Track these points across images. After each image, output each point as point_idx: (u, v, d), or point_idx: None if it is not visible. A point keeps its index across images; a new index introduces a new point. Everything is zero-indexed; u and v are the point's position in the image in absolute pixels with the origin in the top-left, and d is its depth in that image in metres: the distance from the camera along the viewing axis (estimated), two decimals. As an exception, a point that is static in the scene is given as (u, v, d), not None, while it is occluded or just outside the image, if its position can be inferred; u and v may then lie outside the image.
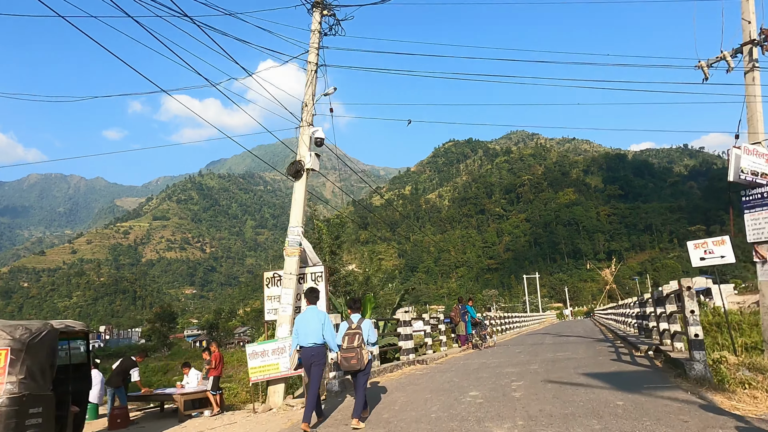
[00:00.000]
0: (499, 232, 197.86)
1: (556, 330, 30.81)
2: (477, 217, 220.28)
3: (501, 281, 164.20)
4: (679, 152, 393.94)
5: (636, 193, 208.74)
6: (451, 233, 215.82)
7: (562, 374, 8.55)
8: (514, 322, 30.45)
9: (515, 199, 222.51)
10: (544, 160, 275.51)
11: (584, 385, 7.23)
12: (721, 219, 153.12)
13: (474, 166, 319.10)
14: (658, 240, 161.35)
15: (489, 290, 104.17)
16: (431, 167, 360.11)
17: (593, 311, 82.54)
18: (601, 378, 7.74)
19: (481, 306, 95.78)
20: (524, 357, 12.82)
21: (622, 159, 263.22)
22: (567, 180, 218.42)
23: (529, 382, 7.89)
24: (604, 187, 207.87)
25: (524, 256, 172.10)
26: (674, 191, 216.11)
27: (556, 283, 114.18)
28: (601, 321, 41.25)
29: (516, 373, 9.26)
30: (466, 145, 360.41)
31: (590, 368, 8.99)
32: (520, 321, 32.12)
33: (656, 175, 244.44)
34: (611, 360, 10.58)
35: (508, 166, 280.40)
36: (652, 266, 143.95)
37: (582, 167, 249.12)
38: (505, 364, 11.17)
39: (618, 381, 7.32)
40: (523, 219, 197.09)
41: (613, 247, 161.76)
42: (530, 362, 11.18)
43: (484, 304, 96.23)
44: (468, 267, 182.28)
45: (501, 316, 26.38)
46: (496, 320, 24.69)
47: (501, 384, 7.96)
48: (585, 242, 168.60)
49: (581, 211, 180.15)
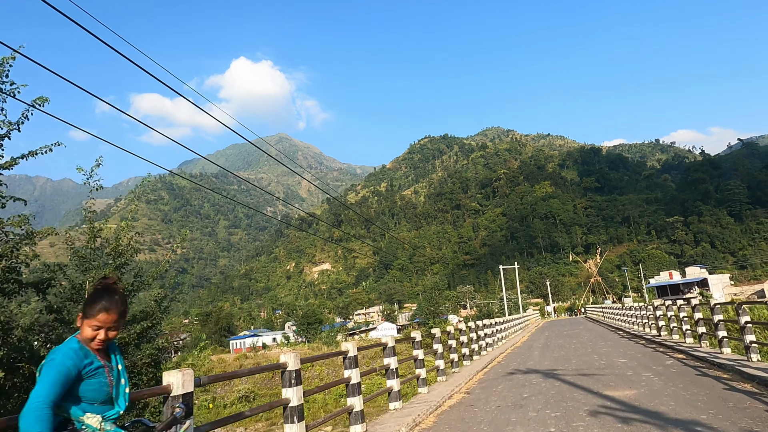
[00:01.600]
0: (475, 227, 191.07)
1: (563, 340, 22.63)
2: (453, 212, 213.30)
3: (477, 277, 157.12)
4: (651, 147, 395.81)
5: (612, 186, 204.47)
6: (427, 229, 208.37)
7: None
8: (494, 333, 21.95)
9: (491, 194, 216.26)
10: (520, 154, 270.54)
11: None
12: (698, 210, 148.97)
13: (450, 162, 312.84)
14: (636, 232, 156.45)
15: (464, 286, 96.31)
16: (407, 164, 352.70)
17: (580, 308, 75.71)
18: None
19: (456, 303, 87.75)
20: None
21: (596, 153, 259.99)
22: (543, 174, 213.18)
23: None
24: (580, 180, 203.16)
25: (501, 251, 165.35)
26: (649, 184, 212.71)
27: (535, 277, 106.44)
28: (606, 321, 33.75)
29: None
30: (442, 141, 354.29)
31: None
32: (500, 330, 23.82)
33: (631, 168, 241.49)
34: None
35: (484, 161, 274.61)
36: (631, 259, 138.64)
37: (557, 161, 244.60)
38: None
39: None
40: (499, 213, 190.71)
41: (591, 240, 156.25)
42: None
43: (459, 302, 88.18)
44: (443, 263, 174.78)
45: (474, 328, 17.56)
46: (469, 336, 15.88)
47: None
48: (562, 235, 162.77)
49: (558, 204, 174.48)
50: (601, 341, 19.94)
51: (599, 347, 17.20)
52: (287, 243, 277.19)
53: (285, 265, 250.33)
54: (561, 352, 16.86)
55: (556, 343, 21.30)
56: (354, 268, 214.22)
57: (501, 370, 13.51)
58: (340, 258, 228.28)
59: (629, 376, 9.79)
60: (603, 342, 19.49)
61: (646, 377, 9.51)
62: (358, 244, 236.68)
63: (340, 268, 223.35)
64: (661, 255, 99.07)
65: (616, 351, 15.41)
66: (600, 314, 37.52)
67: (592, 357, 14.14)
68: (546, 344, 21.21)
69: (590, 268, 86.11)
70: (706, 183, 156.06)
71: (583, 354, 15.22)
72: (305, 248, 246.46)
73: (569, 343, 20.03)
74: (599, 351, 15.84)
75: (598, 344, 18.55)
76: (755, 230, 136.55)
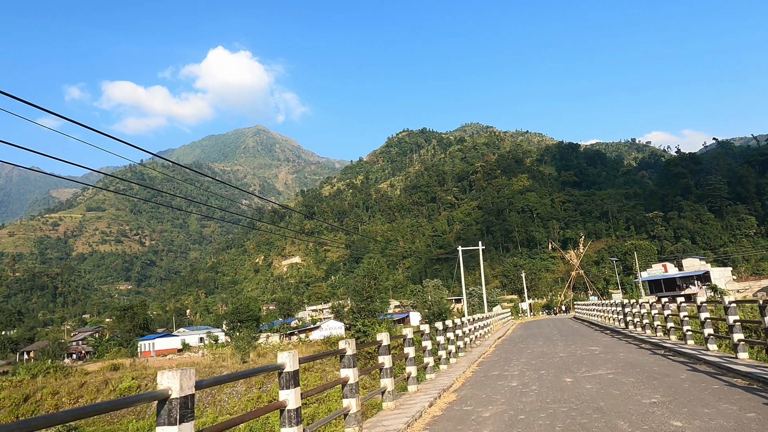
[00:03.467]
0: (449, 221, 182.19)
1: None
2: (428, 205, 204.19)
3: (450, 272, 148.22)
4: (627, 146, 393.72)
5: (590, 181, 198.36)
6: (400, 222, 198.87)
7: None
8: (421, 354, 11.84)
9: (468, 187, 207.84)
10: (498, 149, 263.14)
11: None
12: (678, 205, 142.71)
13: (427, 156, 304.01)
14: (614, 227, 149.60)
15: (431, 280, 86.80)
16: (384, 157, 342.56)
17: (559, 305, 66.84)
18: None
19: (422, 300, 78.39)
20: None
21: (574, 149, 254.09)
22: (521, 167, 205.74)
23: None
24: (559, 174, 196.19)
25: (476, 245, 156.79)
26: (627, 180, 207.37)
27: (509, 270, 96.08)
28: (611, 325, 24.11)
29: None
30: (420, 135, 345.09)
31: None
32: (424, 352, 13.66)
33: (608, 164, 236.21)
34: None
35: (462, 154, 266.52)
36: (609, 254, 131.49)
37: (535, 156, 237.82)
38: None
39: None
40: (475, 206, 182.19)
41: (569, 234, 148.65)
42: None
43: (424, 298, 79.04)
44: (416, 257, 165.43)
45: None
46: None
47: None
48: (539, 230, 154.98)
49: (535, 197, 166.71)
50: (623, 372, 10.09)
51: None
52: (258, 236, 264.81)
53: (254, 258, 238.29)
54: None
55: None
56: (324, 261, 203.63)
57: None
58: (311, 251, 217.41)
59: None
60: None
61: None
62: (331, 237, 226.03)
63: (311, 262, 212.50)
64: (649, 246, 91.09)
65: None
66: (599, 315, 26.01)
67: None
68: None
69: (571, 260, 77.13)
70: (686, 178, 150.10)
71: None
72: (275, 241, 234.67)
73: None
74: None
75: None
76: (736, 226, 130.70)
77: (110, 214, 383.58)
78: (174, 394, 3.44)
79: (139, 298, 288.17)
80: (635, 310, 16.94)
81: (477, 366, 13.30)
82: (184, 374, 3.48)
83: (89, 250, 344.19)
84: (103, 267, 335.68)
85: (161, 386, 3.48)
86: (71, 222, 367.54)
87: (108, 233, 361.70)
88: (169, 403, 3.45)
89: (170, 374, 3.45)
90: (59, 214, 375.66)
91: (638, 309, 16.67)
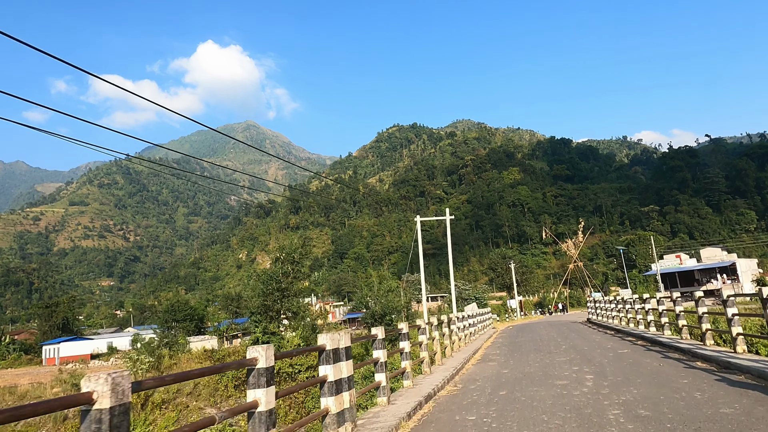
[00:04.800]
0: (438, 215, 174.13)
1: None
2: (416, 199, 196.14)
3: (438, 268, 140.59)
4: (618, 144, 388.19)
5: (582, 176, 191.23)
6: (387, 217, 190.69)
7: None
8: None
9: (457, 181, 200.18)
10: (489, 143, 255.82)
11: None
12: (675, 199, 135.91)
13: (417, 150, 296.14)
14: (608, 222, 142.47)
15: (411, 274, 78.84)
16: (374, 152, 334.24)
17: (554, 304, 58.32)
18: None
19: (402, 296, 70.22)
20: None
21: (566, 144, 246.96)
22: (512, 161, 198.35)
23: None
24: (551, 168, 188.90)
25: (464, 241, 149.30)
26: (620, 175, 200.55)
27: (497, 262, 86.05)
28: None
29: None
30: (410, 130, 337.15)
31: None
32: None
33: (601, 160, 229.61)
34: None
35: (452, 149, 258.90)
36: (604, 251, 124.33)
37: (527, 151, 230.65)
38: None
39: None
40: (464, 200, 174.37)
41: (561, 229, 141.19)
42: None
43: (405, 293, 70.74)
44: (403, 252, 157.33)
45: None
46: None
47: None
48: (531, 224, 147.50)
49: (527, 191, 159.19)
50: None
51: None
52: (242, 231, 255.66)
53: (237, 253, 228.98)
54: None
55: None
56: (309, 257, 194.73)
57: None
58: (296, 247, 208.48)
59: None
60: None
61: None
62: (317, 233, 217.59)
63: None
64: (654, 237, 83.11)
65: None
66: (632, 318, 18.01)
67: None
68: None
69: (568, 251, 68.84)
70: (683, 171, 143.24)
71: None
72: (259, 236, 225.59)
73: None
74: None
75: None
76: (735, 221, 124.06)
77: (94, 209, 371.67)
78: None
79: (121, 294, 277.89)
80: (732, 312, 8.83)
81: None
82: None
83: (71, 246, 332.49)
84: (85, 263, 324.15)
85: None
86: (53, 216, 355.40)
87: (91, 228, 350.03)
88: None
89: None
90: (41, 209, 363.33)
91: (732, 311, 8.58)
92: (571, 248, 68.48)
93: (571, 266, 65.39)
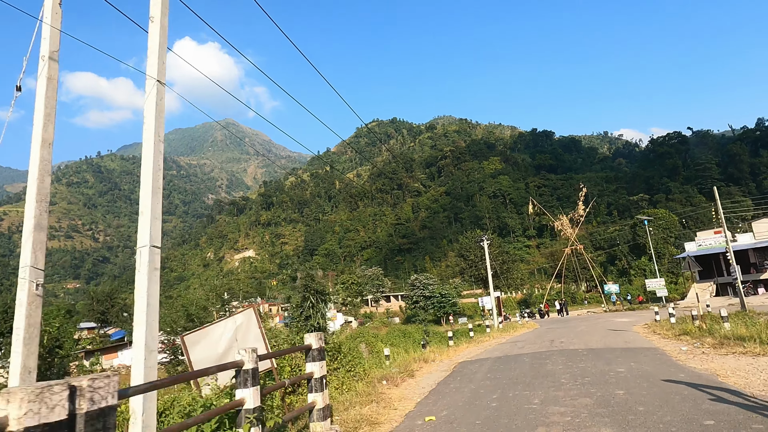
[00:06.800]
0: (415, 208, 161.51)
1: None
2: (393, 192, 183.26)
3: (414, 264, 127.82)
4: (599, 139, 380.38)
5: (566, 167, 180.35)
6: (362, 211, 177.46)
7: None
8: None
9: (436, 173, 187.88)
10: (469, 136, 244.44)
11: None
12: (666, 187, 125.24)
13: (397, 145, 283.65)
14: (595, 213, 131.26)
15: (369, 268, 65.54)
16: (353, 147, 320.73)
17: (546, 303, 44.20)
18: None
19: (355, 292, 56.22)
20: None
21: (549, 136, 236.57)
22: (493, 152, 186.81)
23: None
24: (533, 158, 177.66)
25: (442, 234, 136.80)
26: (604, 166, 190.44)
27: (468, 247, 67.24)
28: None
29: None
30: (390, 125, 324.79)
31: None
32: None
33: (584, 151, 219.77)
34: None
35: (432, 142, 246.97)
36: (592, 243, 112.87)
37: (509, 143, 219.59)
38: None
39: None
40: (442, 192, 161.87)
41: (545, 221, 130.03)
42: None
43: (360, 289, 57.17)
44: (377, 248, 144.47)
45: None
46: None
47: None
48: (512, 216, 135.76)
49: (508, 181, 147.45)
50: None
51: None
52: (212, 228, 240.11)
53: (205, 252, 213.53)
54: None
55: None
56: (279, 254, 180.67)
57: None
58: (267, 244, 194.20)
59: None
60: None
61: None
62: (289, 229, 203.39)
63: (266, 255, 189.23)
64: (668, 216, 69.97)
65: None
66: None
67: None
68: None
69: (564, 230, 54.46)
70: (673, 158, 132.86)
71: None
72: (228, 233, 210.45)
73: None
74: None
75: None
76: (730, 209, 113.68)
77: (61, 208, 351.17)
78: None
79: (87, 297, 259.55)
80: None
81: None
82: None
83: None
84: (49, 264, 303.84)
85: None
86: (17, 216, 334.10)
87: (57, 228, 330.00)
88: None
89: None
90: (3, 208, 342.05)
91: None
92: (566, 227, 55.54)
93: (567, 251, 52.53)
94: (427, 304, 45.41)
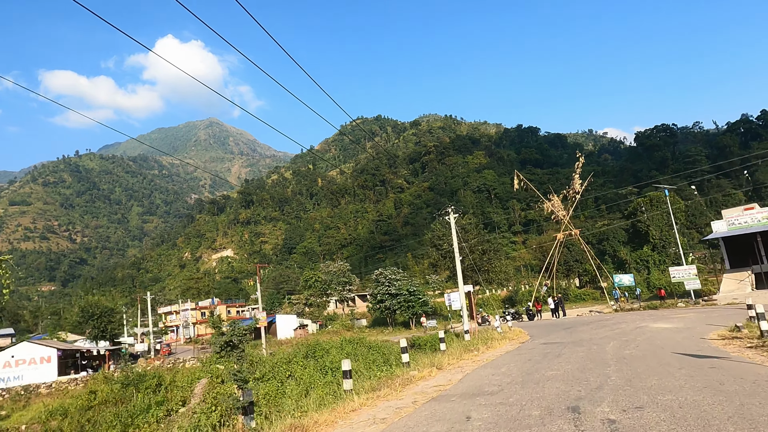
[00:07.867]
0: (397, 204, 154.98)
1: None
2: (376, 189, 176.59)
3: (396, 261, 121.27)
4: (584, 137, 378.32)
5: (552, 162, 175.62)
6: (344, 208, 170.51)
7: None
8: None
9: (420, 169, 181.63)
10: (454, 132, 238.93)
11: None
12: (655, 180, 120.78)
13: (381, 142, 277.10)
14: (582, 207, 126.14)
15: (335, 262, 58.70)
16: (337, 145, 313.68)
17: (538, 302, 37.60)
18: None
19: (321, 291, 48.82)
20: None
21: (534, 132, 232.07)
22: (478, 147, 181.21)
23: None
24: (518, 153, 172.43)
25: (425, 231, 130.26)
26: (590, 162, 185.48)
27: (444, 237, 60.99)
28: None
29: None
30: (375, 122, 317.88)
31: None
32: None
33: (570, 147, 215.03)
34: None
35: (416, 138, 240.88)
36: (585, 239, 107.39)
37: (494, 139, 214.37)
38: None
39: None
40: (426, 188, 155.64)
41: (531, 216, 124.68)
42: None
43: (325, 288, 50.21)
44: (357, 245, 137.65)
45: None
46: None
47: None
48: (498, 211, 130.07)
49: (493, 176, 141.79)
50: None
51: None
52: (191, 228, 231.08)
53: (183, 252, 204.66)
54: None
55: None
56: (259, 253, 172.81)
57: None
58: (246, 243, 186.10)
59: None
60: None
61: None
62: (269, 227, 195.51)
63: (245, 255, 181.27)
64: (676, 200, 63.93)
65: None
66: None
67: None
68: None
69: (555, 211, 47.58)
70: (661, 150, 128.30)
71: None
72: (206, 232, 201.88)
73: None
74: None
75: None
76: (721, 203, 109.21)
77: (37, 209, 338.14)
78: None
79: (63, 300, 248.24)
80: None
81: None
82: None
83: (8, 248, 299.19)
84: (23, 266, 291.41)
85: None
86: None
87: (32, 229, 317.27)
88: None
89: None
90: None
91: None
92: (559, 208, 49.04)
93: (559, 236, 46.03)
94: (393, 303, 38.71)
